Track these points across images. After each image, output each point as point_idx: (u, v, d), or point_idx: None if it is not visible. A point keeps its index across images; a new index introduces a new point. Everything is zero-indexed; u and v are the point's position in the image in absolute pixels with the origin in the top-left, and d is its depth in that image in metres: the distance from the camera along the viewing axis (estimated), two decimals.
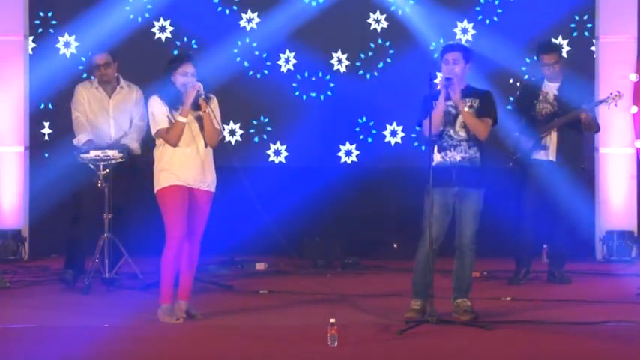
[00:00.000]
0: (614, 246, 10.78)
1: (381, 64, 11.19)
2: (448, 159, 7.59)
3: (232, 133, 11.19)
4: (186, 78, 7.58)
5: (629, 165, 10.86)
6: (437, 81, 7.77)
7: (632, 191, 10.90)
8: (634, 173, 10.86)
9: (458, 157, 7.58)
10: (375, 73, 11.20)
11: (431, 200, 7.42)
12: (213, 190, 7.72)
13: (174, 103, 7.61)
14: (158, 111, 7.61)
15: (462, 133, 7.59)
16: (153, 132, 7.70)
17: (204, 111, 7.53)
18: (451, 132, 7.60)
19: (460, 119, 7.58)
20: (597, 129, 9.44)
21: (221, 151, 7.90)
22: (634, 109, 10.54)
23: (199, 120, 7.61)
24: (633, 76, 10.51)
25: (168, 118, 7.58)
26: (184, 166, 7.58)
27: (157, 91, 7.72)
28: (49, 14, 11.07)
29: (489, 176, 7.75)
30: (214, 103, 7.70)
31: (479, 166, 7.63)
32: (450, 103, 7.56)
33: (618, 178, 10.88)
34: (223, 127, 7.95)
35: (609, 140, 10.80)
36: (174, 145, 7.56)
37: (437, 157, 7.60)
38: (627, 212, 10.90)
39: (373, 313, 7.78)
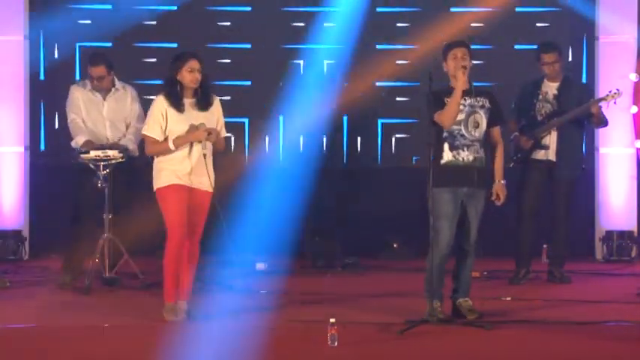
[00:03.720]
0: (614, 246, 10.78)
1: None
2: (461, 158, 7.55)
3: None
4: (193, 75, 7.57)
5: (629, 165, 10.86)
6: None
7: (632, 191, 10.90)
8: (634, 173, 10.86)
9: (472, 157, 7.55)
10: None
11: (431, 200, 7.41)
12: (211, 190, 7.72)
13: (178, 101, 7.63)
14: (155, 116, 7.62)
15: (475, 133, 7.55)
16: (142, 130, 7.78)
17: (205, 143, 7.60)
18: (463, 131, 7.57)
19: (472, 118, 7.56)
20: (606, 122, 9.41)
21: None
22: (634, 109, 10.53)
23: (201, 119, 7.64)
24: (633, 76, 10.50)
25: (161, 127, 7.58)
26: (184, 165, 7.59)
27: (165, 89, 7.73)
28: None
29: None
30: (216, 104, 7.73)
31: (487, 167, 7.64)
32: (461, 101, 7.53)
33: (618, 178, 10.88)
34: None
35: (609, 140, 10.80)
36: (149, 155, 7.72)
37: (447, 156, 7.57)
38: (627, 212, 10.90)
39: (373, 313, 7.78)
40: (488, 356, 6.75)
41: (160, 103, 7.62)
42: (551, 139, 9.20)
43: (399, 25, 11.20)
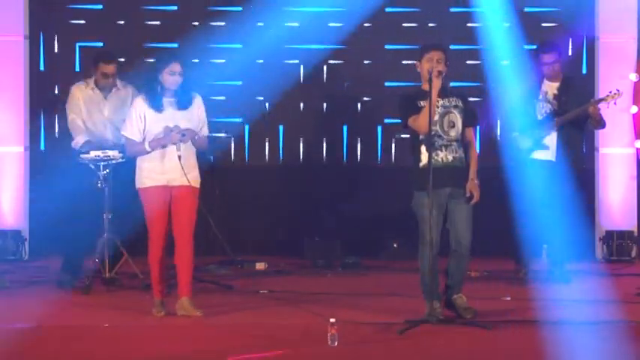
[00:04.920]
0: (614, 246, 10.78)
1: None
2: (440, 159, 7.56)
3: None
4: (174, 77, 7.70)
5: (629, 165, 10.86)
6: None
7: (632, 191, 10.89)
8: (634, 173, 10.86)
9: (450, 157, 7.56)
10: None
11: (431, 201, 7.39)
12: (196, 185, 7.79)
13: (158, 101, 7.72)
14: (133, 118, 7.78)
15: (452, 133, 7.57)
16: (121, 131, 7.95)
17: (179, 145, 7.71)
18: (440, 131, 7.58)
19: (447, 118, 7.56)
20: (604, 124, 9.40)
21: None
22: (634, 109, 10.54)
23: (179, 118, 7.73)
24: (633, 76, 10.50)
25: (139, 129, 7.73)
26: (164, 164, 7.72)
27: (145, 90, 7.80)
28: None
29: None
30: (197, 103, 7.80)
31: (465, 166, 7.64)
32: (437, 103, 7.52)
33: (618, 178, 10.88)
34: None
35: (609, 140, 10.79)
36: (129, 155, 8.00)
37: (425, 158, 7.54)
38: (627, 212, 10.89)
39: (373, 313, 7.78)
40: (488, 356, 6.76)
41: (138, 104, 7.79)
42: (551, 139, 9.20)
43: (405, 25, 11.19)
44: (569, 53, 10.86)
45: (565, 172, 9.18)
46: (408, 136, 7.84)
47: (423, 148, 7.53)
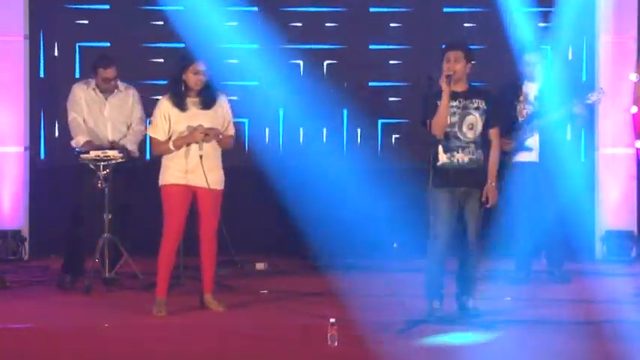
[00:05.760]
0: (614, 246, 10.77)
1: None
2: (456, 160, 7.56)
3: None
4: (198, 77, 7.73)
5: (629, 165, 10.86)
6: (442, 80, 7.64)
7: (632, 191, 10.89)
8: (634, 173, 10.85)
9: (467, 159, 7.56)
10: None
11: (434, 199, 7.41)
12: (219, 187, 7.84)
13: (182, 101, 7.74)
14: (158, 118, 7.80)
15: (470, 135, 7.57)
16: (147, 130, 8.07)
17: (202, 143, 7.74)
18: (458, 133, 7.57)
19: (467, 120, 7.55)
20: (586, 125, 9.39)
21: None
22: (634, 109, 10.53)
23: (203, 118, 7.73)
24: (633, 76, 10.49)
25: (164, 128, 7.76)
26: (183, 165, 7.69)
27: (169, 88, 7.83)
28: None
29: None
30: (222, 103, 7.82)
31: (483, 168, 7.63)
32: (455, 103, 7.53)
33: (618, 178, 10.87)
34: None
35: (609, 140, 10.79)
36: (154, 154, 8.03)
37: (442, 158, 7.56)
38: (627, 212, 10.89)
39: (373, 313, 7.78)
40: (487, 356, 6.75)
41: (162, 103, 7.82)
42: (534, 141, 9.16)
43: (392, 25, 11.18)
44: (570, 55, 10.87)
45: (551, 172, 9.14)
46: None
47: (441, 148, 7.54)
